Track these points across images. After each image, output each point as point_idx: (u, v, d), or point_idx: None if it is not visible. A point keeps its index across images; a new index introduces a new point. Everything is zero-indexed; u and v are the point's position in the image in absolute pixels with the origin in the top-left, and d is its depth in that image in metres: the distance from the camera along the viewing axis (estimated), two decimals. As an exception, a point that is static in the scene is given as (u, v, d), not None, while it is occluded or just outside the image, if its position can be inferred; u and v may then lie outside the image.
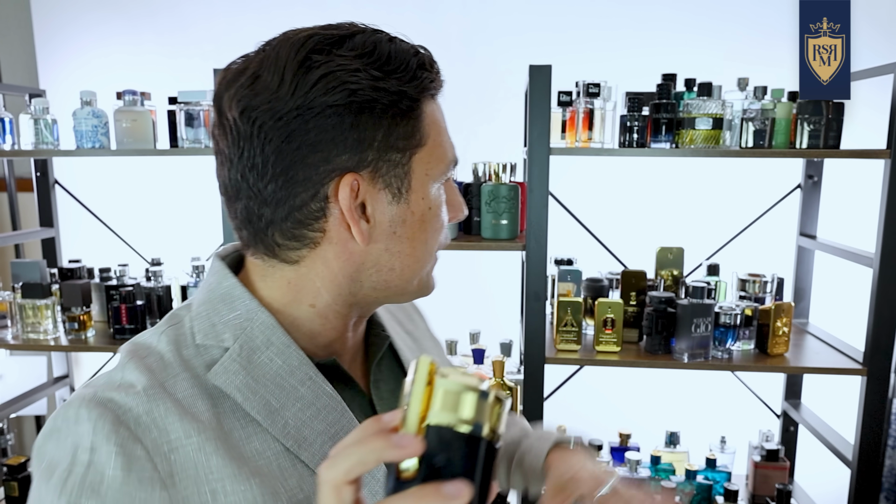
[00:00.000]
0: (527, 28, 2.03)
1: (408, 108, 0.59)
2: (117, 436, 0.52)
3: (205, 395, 0.57)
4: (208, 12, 2.10)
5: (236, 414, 0.58)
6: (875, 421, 1.57)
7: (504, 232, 1.65)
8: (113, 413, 0.53)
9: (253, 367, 0.59)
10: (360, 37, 0.61)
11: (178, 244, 2.16)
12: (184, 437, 0.54)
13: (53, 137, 1.83)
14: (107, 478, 0.51)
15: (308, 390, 0.61)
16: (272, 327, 0.61)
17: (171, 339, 0.61)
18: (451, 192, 0.67)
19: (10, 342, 1.84)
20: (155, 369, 0.58)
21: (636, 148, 1.59)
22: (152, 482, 0.52)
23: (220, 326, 0.61)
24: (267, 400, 0.59)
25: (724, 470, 1.86)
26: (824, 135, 1.56)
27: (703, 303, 1.57)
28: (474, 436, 0.43)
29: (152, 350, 0.60)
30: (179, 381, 0.57)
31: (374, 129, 0.58)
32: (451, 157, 0.65)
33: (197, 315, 0.63)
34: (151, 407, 0.54)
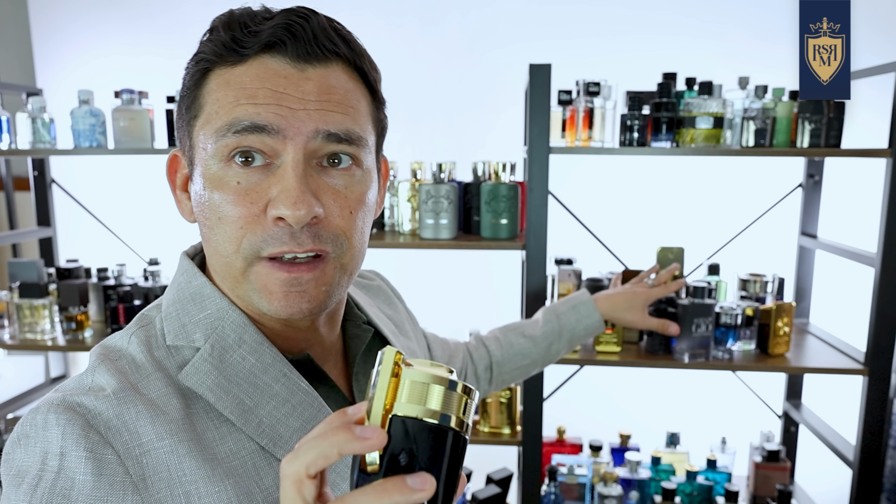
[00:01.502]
0: (527, 27, 2.02)
1: (191, 76, 0.58)
2: (87, 440, 0.51)
3: (178, 395, 0.56)
4: (206, 12, 2.09)
5: (209, 414, 0.57)
6: (876, 421, 1.56)
7: (504, 231, 1.65)
8: (82, 417, 0.52)
9: (225, 367, 0.58)
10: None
11: (175, 244, 2.15)
12: (156, 439, 0.53)
13: (51, 136, 1.82)
14: (77, 483, 0.50)
15: (282, 387, 0.59)
16: (244, 325, 0.60)
17: (141, 340, 0.59)
18: (220, 175, 0.56)
19: (7, 342, 1.83)
20: (127, 371, 0.56)
21: (636, 147, 1.59)
22: (124, 486, 0.51)
23: (190, 326, 0.60)
24: (240, 399, 0.57)
25: (724, 470, 1.85)
26: (825, 134, 1.56)
27: (703, 303, 1.56)
28: (441, 427, 0.42)
29: (123, 353, 0.58)
30: (152, 381, 0.56)
31: (179, 103, 0.59)
32: (224, 121, 0.54)
33: (167, 315, 0.61)
34: (122, 410, 0.53)
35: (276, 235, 0.55)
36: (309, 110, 0.54)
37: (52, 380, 2.25)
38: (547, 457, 1.85)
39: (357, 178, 0.59)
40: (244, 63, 0.55)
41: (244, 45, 0.55)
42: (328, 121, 0.55)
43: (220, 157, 0.55)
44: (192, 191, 0.60)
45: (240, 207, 0.55)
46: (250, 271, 0.57)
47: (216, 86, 0.56)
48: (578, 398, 2.04)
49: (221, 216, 0.56)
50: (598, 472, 1.79)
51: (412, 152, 2.02)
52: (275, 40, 0.54)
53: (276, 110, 0.53)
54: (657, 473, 1.83)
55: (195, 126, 0.57)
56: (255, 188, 0.55)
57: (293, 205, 0.53)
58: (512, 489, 1.79)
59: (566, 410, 1.99)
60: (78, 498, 0.50)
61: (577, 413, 2.06)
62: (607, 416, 2.11)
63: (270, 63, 0.55)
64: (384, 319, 0.77)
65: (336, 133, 0.55)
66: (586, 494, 1.76)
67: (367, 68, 0.60)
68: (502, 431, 1.71)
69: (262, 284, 0.57)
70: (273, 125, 0.53)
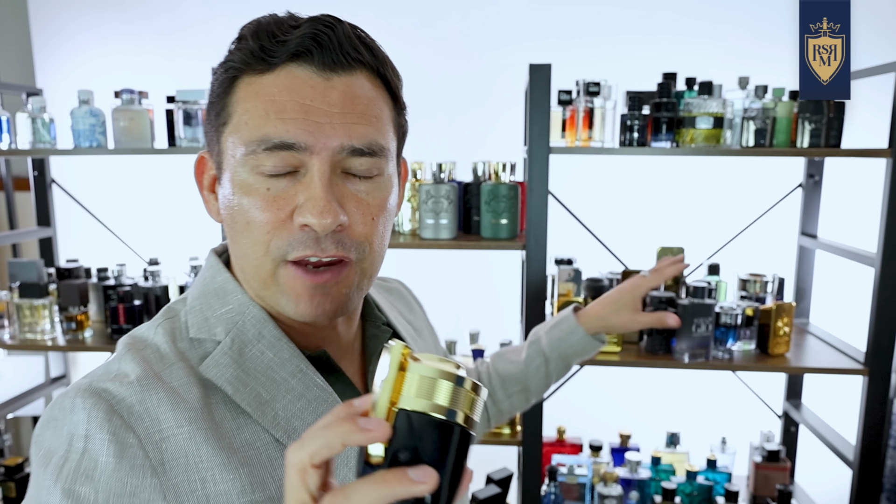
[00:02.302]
0: (527, 27, 2.02)
1: (220, 84, 0.59)
2: (110, 424, 0.53)
3: (198, 386, 0.58)
4: (206, 12, 2.09)
5: (227, 406, 0.58)
6: (876, 421, 1.56)
7: (504, 231, 1.65)
8: (107, 402, 0.55)
9: (244, 360, 0.60)
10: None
11: (175, 244, 2.16)
12: (175, 426, 0.55)
13: (51, 136, 1.82)
14: (100, 464, 0.52)
15: (298, 382, 0.61)
16: (263, 321, 0.62)
17: (166, 331, 0.62)
18: (251, 183, 0.58)
19: (7, 342, 1.83)
20: (151, 360, 0.59)
21: (636, 147, 1.59)
22: (143, 469, 0.53)
23: (212, 321, 0.62)
24: (257, 392, 0.59)
25: (724, 471, 1.85)
26: (825, 134, 1.56)
27: (703, 303, 1.56)
28: (448, 422, 0.41)
29: (149, 343, 0.61)
30: (175, 371, 0.59)
31: (208, 109, 0.61)
32: (255, 136, 0.56)
33: (191, 309, 0.64)
34: (144, 397, 0.56)
35: (301, 240, 0.57)
36: (334, 123, 0.56)
37: (52, 380, 2.25)
38: (547, 457, 1.85)
39: (379, 185, 0.61)
40: (272, 72, 0.57)
41: (272, 54, 0.56)
42: (352, 134, 0.57)
43: (251, 166, 0.57)
44: (219, 193, 0.62)
45: (268, 213, 0.57)
46: (278, 273, 0.59)
47: (245, 95, 0.57)
48: (578, 398, 2.04)
49: (249, 220, 0.58)
50: (598, 472, 1.79)
51: (412, 152, 2.01)
52: (302, 50, 0.56)
53: (303, 125, 0.55)
54: (657, 473, 1.83)
55: (224, 132, 0.59)
56: (283, 195, 0.57)
57: (320, 214, 0.55)
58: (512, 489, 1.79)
59: (566, 410, 1.99)
60: (100, 478, 0.52)
61: (577, 413, 2.06)
62: (607, 416, 2.11)
63: (297, 72, 0.56)
64: (403, 322, 0.79)
65: (360, 148, 0.57)
66: (586, 494, 1.76)
67: (390, 75, 0.61)
68: (502, 431, 1.71)
69: (290, 288, 0.59)
70: (301, 142, 0.56)
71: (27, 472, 1.98)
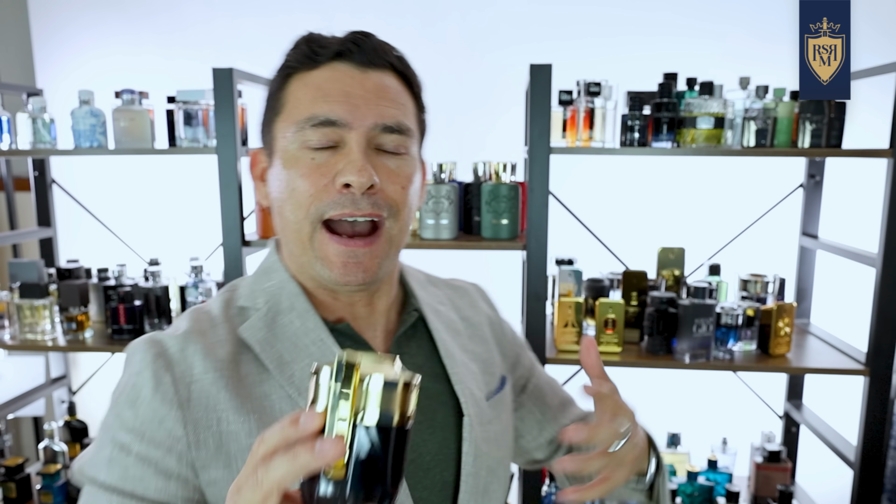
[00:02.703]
0: (527, 28, 2.02)
1: (275, 82, 0.72)
2: (154, 365, 0.66)
3: (234, 344, 0.70)
4: (207, 12, 2.09)
5: (254, 363, 0.70)
6: (877, 422, 1.56)
7: (504, 232, 1.64)
8: (156, 348, 0.68)
9: (275, 326, 0.71)
10: None
11: (176, 244, 2.16)
12: (203, 372, 0.67)
13: (51, 137, 1.82)
14: (142, 395, 0.65)
15: (317, 349, 0.71)
16: (297, 295, 0.73)
17: (223, 300, 0.75)
18: (298, 156, 0.68)
19: (7, 342, 1.83)
20: (202, 320, 0.72)
21: (637, 147, 1.58)
22: (172, 403, 0.65)
23: (257, 293, 0.74)
24: (281, 354, 0.70)
25: (725, 471, 1.85)
26: (826, 134, 1.55)
27: (704, 303, 1.56)
28: (383, 426, 0.45)
29: (207, 308, 0.75)
30: (218, 330, 0.71)
31: (265, 107, 0.73)
32: (304, 115, 0.68)
33: (245, 283, 0.77)
34: (184, 346, 0.68)
35: (340, 201, 0.67)
36: (370, 105, 0.67)
37: (52, 380, 2.25)
38: (547, 457, 1.85)
39: (406, 162, 0.71)
40: (319, 68, 0.69)
41: (319, 54, 0.69)
42: (384, 115, 0.68)
43: (300, 142, 0.68)
44: (269, 176, 0.73)
45: (311, 179, 0.67)
46: (314, 237, 0.68)
47: (296, 87, 0.69)
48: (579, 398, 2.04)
49: (295, 187, 0.68)
50: (599, 473, 1.78)
51: (413, 152, 2.01)
52: (343, 49, 0.69)
53: (344, 106, 0.67)
54: (658, 474, 1.83)
55: (276, 121, 0.71)
56: (325, 164, 0.67)
57: (358, 172, 0.65)
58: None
59: (567, 411, 1.98)
60: (140, 405, 0.65)
61: (578, 413, 2.06)
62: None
63: (339, 67, 0.69)
64: (444, 313, 0.83)
65: (390, 125, 0.68)
66: (587, 495, 1.75)
67: (413, 79, 0.74)
68: (503, 432, 1.70)
69: (324, 254, 0.69)
70: (342, 119, 0.67)
71: (27, 472, 1.98)
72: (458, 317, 0.86)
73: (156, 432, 0.65)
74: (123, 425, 0.65)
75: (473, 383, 0.79)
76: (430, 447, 0.74)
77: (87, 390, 2.32)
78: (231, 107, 1.61)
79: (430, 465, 0.74)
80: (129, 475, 0.64)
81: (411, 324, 0.79)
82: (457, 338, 0.82)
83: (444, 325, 0.82)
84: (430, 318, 0.80)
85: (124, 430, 0.65)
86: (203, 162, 1.92)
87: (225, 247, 1.68)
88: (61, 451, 1.99)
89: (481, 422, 0.77)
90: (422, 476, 0.73)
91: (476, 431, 0.75)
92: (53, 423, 2.01)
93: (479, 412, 0.77)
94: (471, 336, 0.85)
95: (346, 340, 0.73)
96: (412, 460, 0.72)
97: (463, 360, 0.80)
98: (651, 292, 1.66)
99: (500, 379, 0.85)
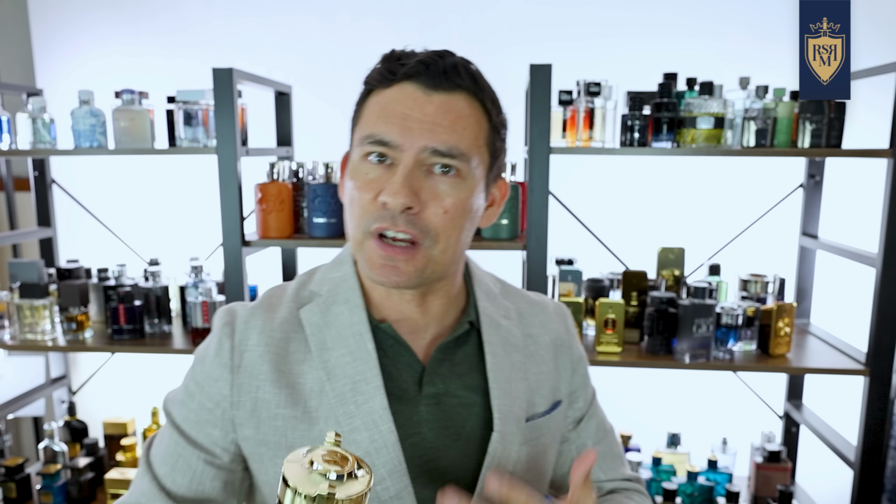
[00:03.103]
0: (527, 29, 2.02)
1: (360, 96, 0.76)
2: (222, 332, 0.78)
3: (292, 323, 0.79)
4: (207, 12, 2.09)
5: (303, 343, 0.78)
6: (877, 422, 1.56)
7: (504, 232, 1.65)
8: (228, 317, 0.79)
9: (327, 314, 0.79)
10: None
11: (176, 244, 2.16)
12: (255, 344, 0.77)
13: (51, 137, 1.82)
14: (207, 356, 0.78)
15: (354, 342, 0.77)
16: (354, 290, 0.80)
17: (299, 283, 0.83)
18: (358, 168, 0.74)
19: (7, 342, 1.83)
20: (273, 297, 0.82)
21: (637, 147, 1.59)
22: (225, 366, 0.77)
23: (326, 281, 0.82)
24: (325, 339, 0.77)
25: (725, 471, 1.85)
26: (826, 134, 1.55)
27: (704, 303, 1.56)
28: None
29: (282, 287, 0.84)
30: (283, 308, 0.80)
31: (353, 116, 0.78)
32: (366, 132, 0.72)
33: (321, 270, 0.84)
34: (249, 318, 0.78)
35: (380, 216, 0.71)
36: (423, 129, 0.70)
37: (52, 380, 2.25)
38: (547, 457, 1.85)
39: (457, 186, 0.72)
40: (391, 87, 0.73)
41: (394, 73, 0.72)
42: (437, 139, 0.71)
43: (360, 156, 0.74)
44: (344, 178, 0.80)
45: (363, 193, 0.72)
46: (364, 244, 0.74)
47: (371, 103, 0.74)
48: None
49: (353, 198, 0.74)
50: (599, 473, 1.79)
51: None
52: (413, 71, 0.71)
53: (399, 129, 0.71)
54: (658, 474, 1.83)
55: (354, 132, 0.76)
56: (376, 180, 0.72)
57: (394, 194, 0.69)
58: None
59: (567, 411, 1.98)
60: (205, 363, 0.78)
61: (578, 413, 2.06)
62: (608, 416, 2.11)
63: (407, 88, 0.72)
64: (505, 327, 0.83)
65: (440, 150, 0.71)
66: (587, 495, 1.76)
67: (487, 101, 0.75)
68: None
69: (369, 256, 0.74)
70: (394, 141, 0.71)
71: (27, 472, 1.98)
72: (522, 333, 0.85)
73: (211, 388, 0.77)
74: (194, 376, 0.79)
75: (516, 401, 0.79)
76: (450, 453, 0.76)
77: (86, 390, 2.32)
78: (231, 107, 1.61)
79: (445, 469, 0.75)
80: (190, 417, 0.78)
81: (464, 332, 0.81)
82: (512, 353, 0.82)
83: (501, 339, 0.82)
84: (485, 329, 0.81)
85: (193, 381, 0.79)
86: (203, 162, 1.92)
87: (225, 247, 1.68)
88: (61, 451, 1.99)
89: (514, 441, 0.77)
90: (432, 476, 0.75)
91: (503, 449, 0.76)
92: (53, 423, 2.01)
93: (513, 431, 0.77)
94: (530, 354, 0.84)
95: (386, 339, 0.78)
96: (427, 460, 0.75)
97: (510, 376, 0.80)
98: (651, 292, 1.66)
99: (552, 403, 0.84)
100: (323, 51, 2.07)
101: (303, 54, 2.08)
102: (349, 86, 2.08)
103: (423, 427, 0.76)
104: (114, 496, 1.85)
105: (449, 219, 0.72)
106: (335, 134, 2.09)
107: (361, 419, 0.74)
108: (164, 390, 0.87)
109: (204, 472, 0.77)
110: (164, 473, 0.77)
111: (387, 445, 0.73)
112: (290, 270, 2.04)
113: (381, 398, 0.74)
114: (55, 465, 1.93)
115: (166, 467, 0.77)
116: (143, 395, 2.20)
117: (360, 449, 0.73)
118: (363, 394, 0.74)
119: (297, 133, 2.06)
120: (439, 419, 0.77)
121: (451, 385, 0.78)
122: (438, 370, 0.78)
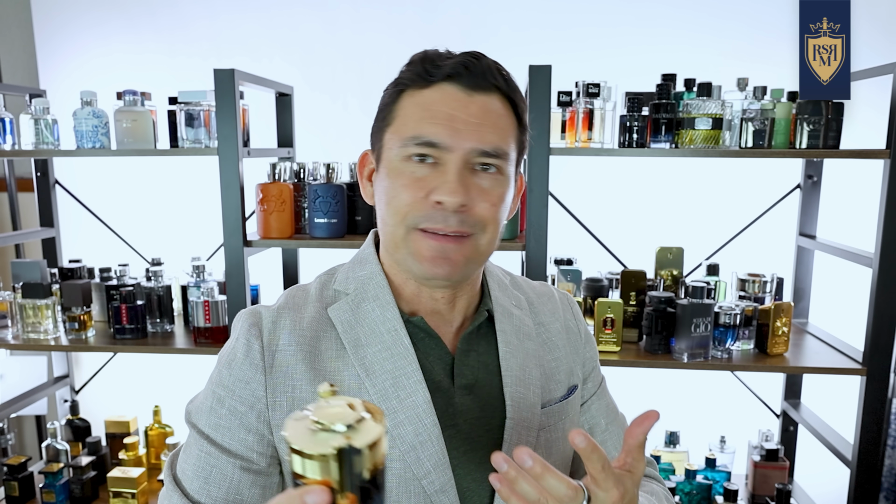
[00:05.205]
0: (527, 30, 2.03)
1: (389, 95, 0.77)
2: (249, 333, 0.77)
3: (321, 321, 0.79)
4: (209, 12, 2.10)
5: (335, 341, 0.78)
6: (874, 421, 1.57)
7: (504, 232, 1.65)
8: (254, 318, 0.78)
9: (358, 311, 0.80)
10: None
11: (178, 244, 2.17)
12: (287, 344, 0.77)
13: (54, 137, 1.83)
14: (236, 358, 0.77)
15: (390, 338, 0.78)
16: (383, 287, 0.81)
17: (322, 282, 0.84)
18: (402, 168, 0.74)
19: (10, 342, 1.84)
20: (297, 297, 0.82)
21: (636, 148, 1.59)
22: (257, 367, 0.76)
23: (350, 279, 0.83)
24: (358, 336, 0.78)
25: (723, 469, 1.86)
26: (824, 135, 1.56)
27: (702, 303, 1.57)
28: (363, 485, 0.45)
29: (305, 287, 0.85)
30: (309, 307, 0.80)
31: (377, 115, 0.79)
32: (410, 133, 0.73)
33: (342, 269, 0.85)
34: (276, 319, 0.78)
35: (433, 215, 0.73)
36: (470, 130, 0.73)
37: (54, 379, 2.26)
38: (547, 456, 1.86)
39: (500, 182, 0.76)
40: (429, 87, 0.74)
41: (432, 75, 0.74)
42: (483, 140, 0.73)
43: (403, 156, 0.74)
44: (375, 179, 0.80)
45: (409, 191, 0.74)
46: (408, 238, 0.75)
47: (407, 104, 0.75)
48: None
49: (395, 195, 0.75)
50: (598, 471, 1.79)
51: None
52: (454, 72, 0.73)
53: (447, 130, 0.72)
54: (656, 472, 1.84)
55: (386, 131, 0.77)
56: (424, 179, 0.73)
57: (451, 193, 0.72)
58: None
59: (566, 410, 1.99)
60: (233, 366, 0.76)
61: (577, 412, 2.07)
62: (607, 415, 2.12)
63: (448, 89, 0.74)
64: (517, 316, 0.86)
65: (487, 150, 0.73)
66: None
67: (518, 101, 0.78)
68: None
69: (416, 249, 0.75)
70: (443, 143, 0.72)
71: (30, 471, 1.99)
72: (534, 321, 0.88)
73: (243, 391, 0.75)
74: (221, 382, 0.77)
75: (530, 389, 0.81)
76: (483, 443, 0.78)
77: (89, 389, 2.33)
78: (233, 108, 1.62)
79: (480, 460, 0.77)
80: (221, 424, 0.76)
81: (483, 322, 0.83)
82: (525, 341, 0.85)
83: (514, 328, 0.85)
84: (498, 318, 0.84)
85: (221, 386, 0.77)
86: (205, 163, 1.93)
87: (226, 247, 1.69)
88: (63, 450, 2.00)
89: (529, 427, 0.79)
90: (468, 469, 0.76)
91: (517, 435, 0.78)
92: (56, 422, 2.02)
93: (528, 417, 0.79)
94: (543, 342, 0.87)
95: (419, 332, 0.80)
96: (463, 451, 0.77)
97: (524, 363, 0.82)
98: (649, 292, 1.67)
99: (568, 388, 0.86)
100: (324, 52, 2.08)
101: (304, 55, 2.09)
102: (350, 87, 2.09)
103: (458, 419, 0.78)
104: (115, 494, 1.86)
105: (496, 211, 0.76)
106: (336, 135, 2.11)
107: (405, 414, 0.74)
108: (166, 389, 0.88)
109: (241, 480, 0.74)
110: (196, 488, 0.75)
111: (431, 439, 0.74)
112: (291, 270, 2.05)
113: (424, 392, 0.75)
114: (57, 464, 1.94)
115: (199, 481, 0.75)
116: (146, 395, 2.21)
117: (406, 443, 0.74)
118: (405, 388, 0.75)
119: (299, 134, 2.07)
120: (471, 410, 0.79)
121: (479, 374, 0.81)
122: (466, 361, 0.81)
